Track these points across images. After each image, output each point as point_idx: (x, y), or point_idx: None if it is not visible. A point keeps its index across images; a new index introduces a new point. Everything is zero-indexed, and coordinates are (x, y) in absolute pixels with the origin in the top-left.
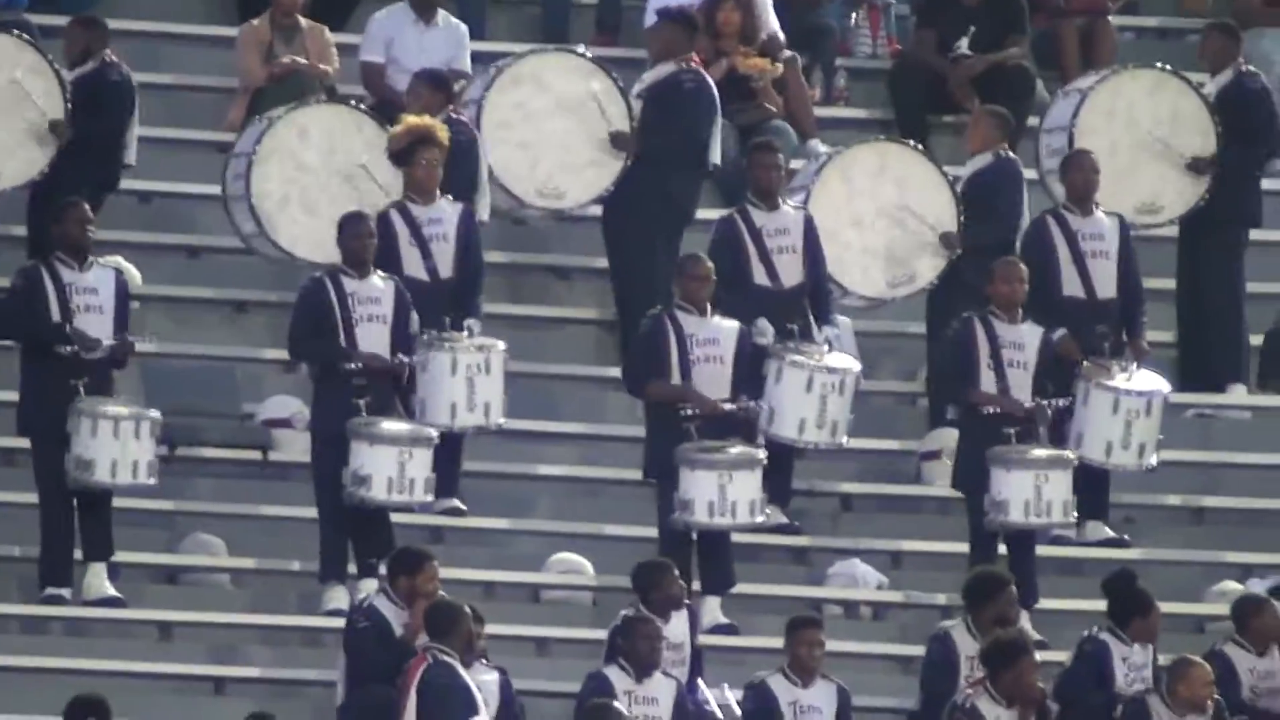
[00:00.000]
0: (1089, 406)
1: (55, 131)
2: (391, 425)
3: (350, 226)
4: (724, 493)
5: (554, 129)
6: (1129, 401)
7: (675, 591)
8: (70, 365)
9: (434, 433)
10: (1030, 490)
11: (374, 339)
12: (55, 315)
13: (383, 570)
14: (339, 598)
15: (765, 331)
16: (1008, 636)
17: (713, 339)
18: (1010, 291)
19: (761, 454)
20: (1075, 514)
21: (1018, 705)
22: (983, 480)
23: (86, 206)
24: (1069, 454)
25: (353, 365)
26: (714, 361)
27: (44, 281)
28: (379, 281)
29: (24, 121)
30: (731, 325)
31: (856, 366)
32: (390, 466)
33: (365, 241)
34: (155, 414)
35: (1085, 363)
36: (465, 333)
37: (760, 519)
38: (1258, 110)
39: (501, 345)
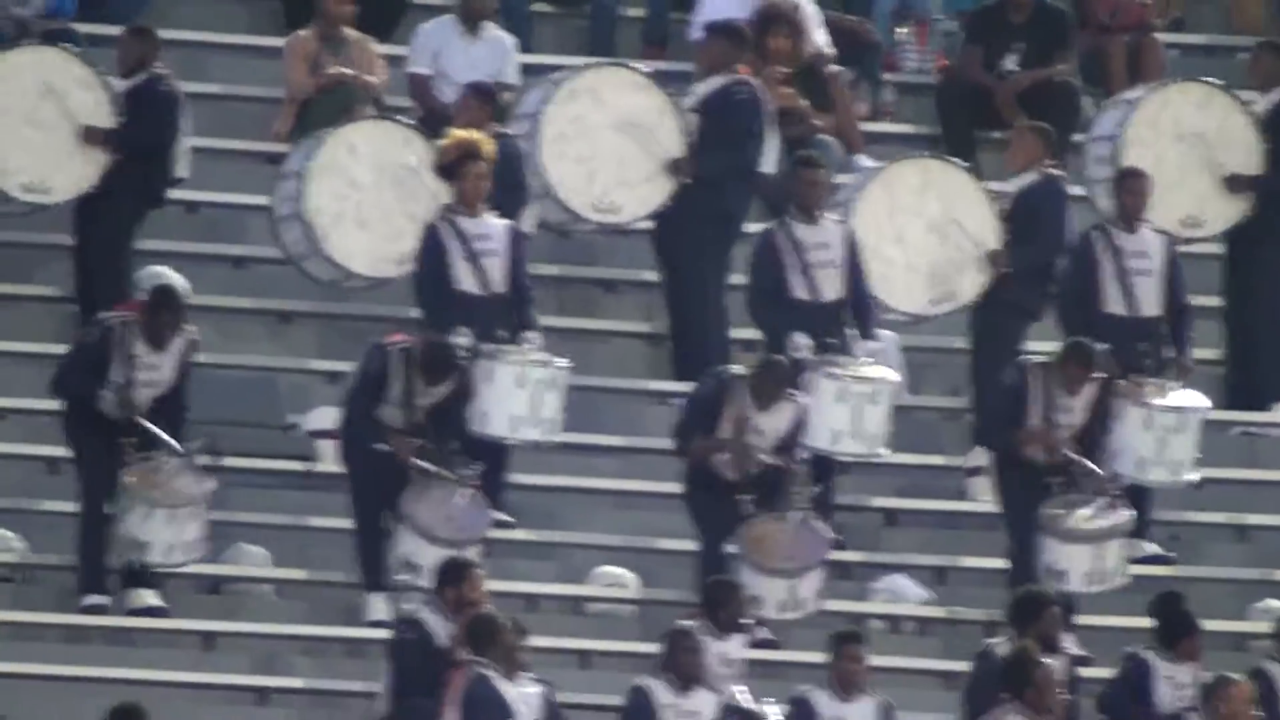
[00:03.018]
0: (1122, 422)
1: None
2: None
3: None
4: None
5: (611, 144)
6: (1162, 417)
7: (744, 611)
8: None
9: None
10: (1089, 562)
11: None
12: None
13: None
14: (380, 607)
15: (800, 345)
16: (1020, 655)
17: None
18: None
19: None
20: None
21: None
22: (1023, 512)
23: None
24: (1125, 520)
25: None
26: None
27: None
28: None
29: (70, 135)
30: None
31: (893, 377)
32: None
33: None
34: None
35: (1123, 380)
36: (525, 345)
37: None
38: None
39: (564, 362)
